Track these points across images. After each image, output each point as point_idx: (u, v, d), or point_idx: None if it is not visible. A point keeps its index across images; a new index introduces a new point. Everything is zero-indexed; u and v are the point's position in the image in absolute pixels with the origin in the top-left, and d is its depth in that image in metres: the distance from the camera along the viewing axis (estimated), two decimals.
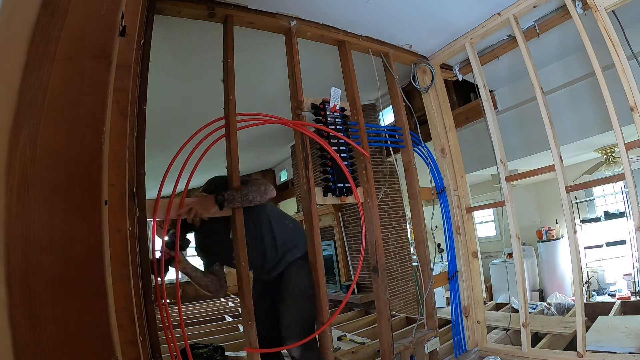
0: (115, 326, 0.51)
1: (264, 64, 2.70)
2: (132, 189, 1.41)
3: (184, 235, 1.70)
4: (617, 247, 5.25)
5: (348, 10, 2.15)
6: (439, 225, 2.75)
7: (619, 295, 4.74)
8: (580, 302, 2.07)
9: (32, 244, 0.46)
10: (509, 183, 2.36)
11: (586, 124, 3.03)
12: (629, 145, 1.86)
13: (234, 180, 1.76)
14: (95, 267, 0.50)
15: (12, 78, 0.48)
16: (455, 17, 2.36)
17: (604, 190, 5.78)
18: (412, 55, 2.74)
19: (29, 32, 0.50)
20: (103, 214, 0.52)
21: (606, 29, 1.87)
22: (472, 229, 2.68)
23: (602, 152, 4.17)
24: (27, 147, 0.47)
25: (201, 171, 1.74)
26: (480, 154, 3.60)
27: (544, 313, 3.86)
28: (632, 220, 1.93)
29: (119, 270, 0.88)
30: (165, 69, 2.46)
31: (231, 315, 4.69)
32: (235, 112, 1.84)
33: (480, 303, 2.60)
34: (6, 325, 0.43)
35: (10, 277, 0.44)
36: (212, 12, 1.88)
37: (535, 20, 2.40)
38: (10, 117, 0.47)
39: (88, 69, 0.54)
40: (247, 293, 1.74)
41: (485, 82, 2.48)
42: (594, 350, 2.12)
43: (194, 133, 1.72)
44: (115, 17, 0.58)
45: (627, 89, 1.84)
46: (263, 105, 2.10)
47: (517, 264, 2.30)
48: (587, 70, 2.73)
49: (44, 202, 0.48)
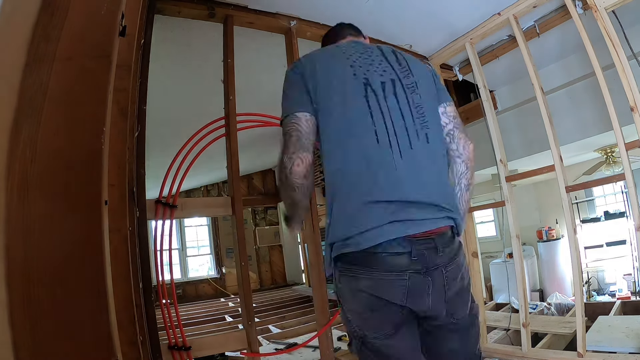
0: (115, 326, 0.51)
1: (264, 64, 2.70)
2: (132, 189, 1.42)
3: None
4: (617, 247, 5.24)
5: (348, 10, 2.15)
6: None
7: (619, 295, 4.73)
8: (580, 302, 2.07)
9: (32, 244, 0.46)
10: (509, 183, 2.36)
11: (586, 124, 3.03)
12: (629, 145, 1.86)
13: (234, 180, 1.76)
14: (95, 267, 0.50)
15: (12, 78, 0.48)
16: (455, 17, 2.36)
17: (604, 190, 5.78)
18: (412, 55, 2.74)
19: (29, 32, 0.50)
20: (103, 214, 0.52)
21: (606, 29, 1.87)
22: (472, 229, 2.68)
23: (602, 152, 4.17)
24: (27, 147, 0.47)
25: (202, 171, 1.74)
26: (481, 154, 3.58)
27: (544, 313, 3.86)
28: (632, 220, 1.93)
29: (119, 270, 0.88)
30: (165, 69, 2.46)
31: (231, 315, 4.69)
32: (235, 112, 1.84)
33: (480, 303, 2.60)
34: (6, 325, 0.43)
35: (10, 277, 0.44)
36: (212, 12, 1.88)
37: (535, 20, 2.40)
38: (10, 117, 0.47)
39: (88, 69, 0.55)
40: (247, 293, 1.74)
41: (485, 82, 2.48)
42: (594, 350, 2.12)
43: (194, 133, 1.73)
44: (115, 17, 0.58)
45: (627, 89, 1.84)
46: (263, 105, 2.09)
47: (517, 264, 2.30)
48: (587, 70, 2.73)
49: (44, 202, 0.48)
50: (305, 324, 3.92)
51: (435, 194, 0.90)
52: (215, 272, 7.39)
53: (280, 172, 0.94)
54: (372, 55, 1.04)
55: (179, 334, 1.56)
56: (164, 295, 1.58)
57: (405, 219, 0.85)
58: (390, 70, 1.01)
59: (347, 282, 0.89)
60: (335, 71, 0.97)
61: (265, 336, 3.63)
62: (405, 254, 0.84)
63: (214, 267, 7.49)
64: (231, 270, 7.14)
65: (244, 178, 7.43)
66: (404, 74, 1.02)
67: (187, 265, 7.32)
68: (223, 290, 7.07)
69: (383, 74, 0.99)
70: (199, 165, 1.98)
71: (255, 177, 7.69)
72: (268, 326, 4.00)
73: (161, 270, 1.60)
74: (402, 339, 0.90)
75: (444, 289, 0.88)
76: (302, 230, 1.37)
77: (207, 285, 7.13)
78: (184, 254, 7.35)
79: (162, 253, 1.63)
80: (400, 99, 0.96)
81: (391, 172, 0.87)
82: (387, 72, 1.00)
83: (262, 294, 6.50)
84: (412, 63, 1.08)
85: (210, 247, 7.69)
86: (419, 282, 0.85)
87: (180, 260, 7.24)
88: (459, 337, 0.96)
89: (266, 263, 7.78)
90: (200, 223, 7.79)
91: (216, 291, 7.06)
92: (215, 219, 7.46)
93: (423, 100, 0.99)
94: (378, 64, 1.01)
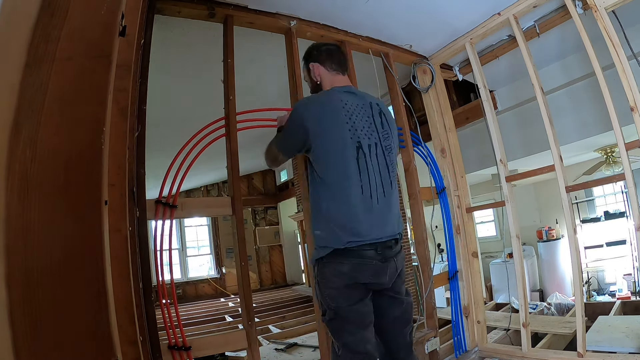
0: (115, 326, 0.51)
1: (264, 64, 2.70)
2: (132, 189, 1.42)
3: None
4: (617, 247, 5.24)
5: (348, 10, 2.15)
6: (439, 225, 2.75)
7: (619, 295, 4.74)
8: (580, 302, 2.07)
9: (32, 244, 0.46)
10: (509, 183, 2.36)
11: (586, 124, 3.03)
12: (629, 145, 1.86)
13: (234, 180, 1.76)
14: (95, 267, 0.50)
15: (12, 78, 0.48)
16: (455, 17, 2.36)
17: (604, 190, 5.78)
18: (412, 55, 2.74)
19: (29, 32, 0.50)
20: (103, 214, 0.52)
21: (606, 29, 1.87)
22: (472, 229, 2.68)
23: (602, 152, 4.17)
24: (27, 147, 0.47)
25: (202, 171, 1.74)
26: (480, 154, 3.60)
27: (544, 313, 3.86)
28: (632, 220, 1.93)
29: (119, 270, 0.88)
30: (165, 69, 2.46)
31: (231, 315, 4.69)
32: (235, 112, 1.84)
33: (480, 303, 2.60)
34: (6, 325, 0.43)
35: (10, 277, 0.44)
36: (212, 12, 1.88)
37: (535, 20, 2.40)
38: (10, 117, 0.47)
39: (88, 69, 0.55)
40: (247, 293, 1.74)
41: (485, 82, 2.48)
42: (594, 350, 2.12)
43: (195, 133, 1.73)
44: (115, 17, 0.58)
45: (627, 89, 1.84)
46: (263, 105, 2.10)
47: (517, 264, 2.30)
48: (587, 70, 2.73)
49: (44, 202, 0.48)
50: (305, 324, 3.93)
51: (395, 224, 1.36)
52: (215, 272, 7.39)
53: (268, 153, 1.51)
54: (365, 115, 1.37)
55: (179, 334, 1.56)
56: (164, 295, 1.58)
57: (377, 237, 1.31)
58: (376, 134, 1.37)
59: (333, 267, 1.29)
60: (337, 135, 1.30)
61: (265, 336, 3.64)
62: (373, 250, 1.28)
63: (214, 267, 7.50)
64: (231, 270, 7.15)
65: (244, 178, 7.43)
66: (385, 137, 1.39)
67: (187, 265, 7.32)
68: (223, 290, 7.08)
69: (370, 137, 1.35)
70: (199, 165, 1.98)
71: (255, 177, 7.69)
72: (268, 326, 4.01)
73: (161, 270, 1.60)
74: (364, 306, 1.30)
75: (395, 271, 1.36)
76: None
77: (207, 285, 7.13)
78: (184, 254, 7.36)
79: (162, 253, 1.63)
80: (380, 159, 1.35)
81: (368, 213, 1.29)
82: (373, 136, 1.36)
83: (262, 294, 6.51)
84: (392, 124, 1.45)
85: (210, 247, 7.69)
86: (380, 267, 1.30)
87: (180, 260, 7.24)
88: (401, 308, 1.40)
89: (266, 263, 7.78)
90: (200, 223, 7.80)
91: (216, 291, 7.06)
92: (215, 219, 7.46)
93: (394, 155, 1.43)
94: (368, 127, 1.36)
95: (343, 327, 1.29)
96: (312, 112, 1.32)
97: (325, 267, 1.31)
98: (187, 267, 7.29)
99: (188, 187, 7.05)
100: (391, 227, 1.34)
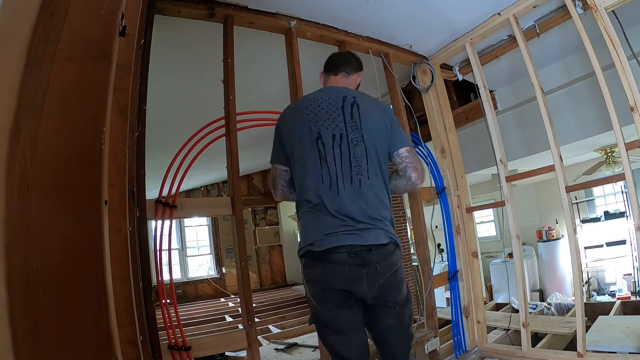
0: (115, 326, 0.51)
1: (264, 64, 2.70)
2: (132, 189, 1.42)
3: None
4: (617, 247, 5.24)
5: (348, 10, 2.15)
6: (439, 225, 2.75)
7: (619, 295, 4.73)
8: (580, 302, 2.07)
9: (32, 244, 0.46)
10: (509, 183, 2.36)
11: (586, 124, 3.03)
12: (629, 145, 1.86)
13: (234, 180, 1.76)
14: (95, 267, 0.50)
15: (12, 78, 0.48)
16: (455, 17, 2.36)
17: (604, 190, 5.78)
18: (412, 55, 2.74)
19: (29, 32, 0.50)
20: (103, 214, 0.52)
21: (606, 29, 1.87)
22: (472, 229, 2.68)
23: (602, 152, 4.17)
24: (27, 147, 0.47)
25: (202, 171, 1.74)
26: (480, 154, 3.60)
27: (544, 313, 3.86)
28: (632, 220, 1.93)
29: (119, 270, 0.88)
30: (165, 69, 2.46)
31: (231, 315, 4.69)
32: (235, 112, 1.84)
33: (480, 303, 2.60)
34: (6, 325, 0.43)
35: (10, 277, 0.44)
36: (212, 12, 1.88)
37: (535, 20, 2.40)
38: (10, 117, 0.47)
39: (88, 69, 0.55)
40: (247, 293, 1.74)
41: (485, 82, 2.48)
42: (594, 350, 2.12)
43: (194, 133, 1.73)
44: (115, 17, 0.58)
45: (627, 89, 1.84)
46: (263, 105, 2.10)
47: (517, 264, 2.30)
48: (587, 70, 2.73)
49: (44, 202, 0.48)
50: (305, 324, 3.92)
51: (357, 213, 1.22)
52: (215, 272, 7.39)
53: (267, 179, 1.42)
54: (333, 108, 1.33)
55: (178, 334, 1.56)
56: (164, 295, 1.58)
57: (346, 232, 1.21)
58: (342, 125, 1.31)
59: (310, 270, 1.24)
60: (298, 131, 1.32)
61: (265, 336, 3.64)
62: (345, 252, 1.18)
63: (214, 267, 7.49)
64: (231, 270, 7.14)
65: (244, 178, 7.43)
66: (352, 129, 1.31)
67: (187, 265, 7.32)
68: (223, 290, 7.07)
69: (335, 128, 1.30)
70: (199, 165, 1.98)
71: (255, 177, 7.69)
72: (268, 326, 4.00)
73: (161, 270, 1.60)
74: (344, 312, 1.23)
75: (377, 279, 1.21)
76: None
77: (207, 285, 7.13)
78: (184, 254, 7.35)
79: (162, 253, 1.63)
80: (343, 151, 1.28)
81: (334, 201, 1.22)
82: (338, 127, 1.30)
83: (262, 294, 6.50)
84: (364, 118, 1.33)
85: (210, 247, 7.68)
86: (356, 272, 1.19)
87: (180, 260, 7.24)
88: (395, 317, 1.30)
89: (266, 263, 7.78)
90: (200, 223, 7.79)
91: (216, 291, 7.06)
92: (215, 219, 7.45)
93: (365, 150, 1.30)
94: (333, 119, 1.31)
95: (324, 331, 1.27)
96: (283, 118, 1.41)
97: (305, 269, 1.26)
98: (187, 267, 7.28)
99: (188, 187, 7.04)
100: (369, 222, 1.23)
